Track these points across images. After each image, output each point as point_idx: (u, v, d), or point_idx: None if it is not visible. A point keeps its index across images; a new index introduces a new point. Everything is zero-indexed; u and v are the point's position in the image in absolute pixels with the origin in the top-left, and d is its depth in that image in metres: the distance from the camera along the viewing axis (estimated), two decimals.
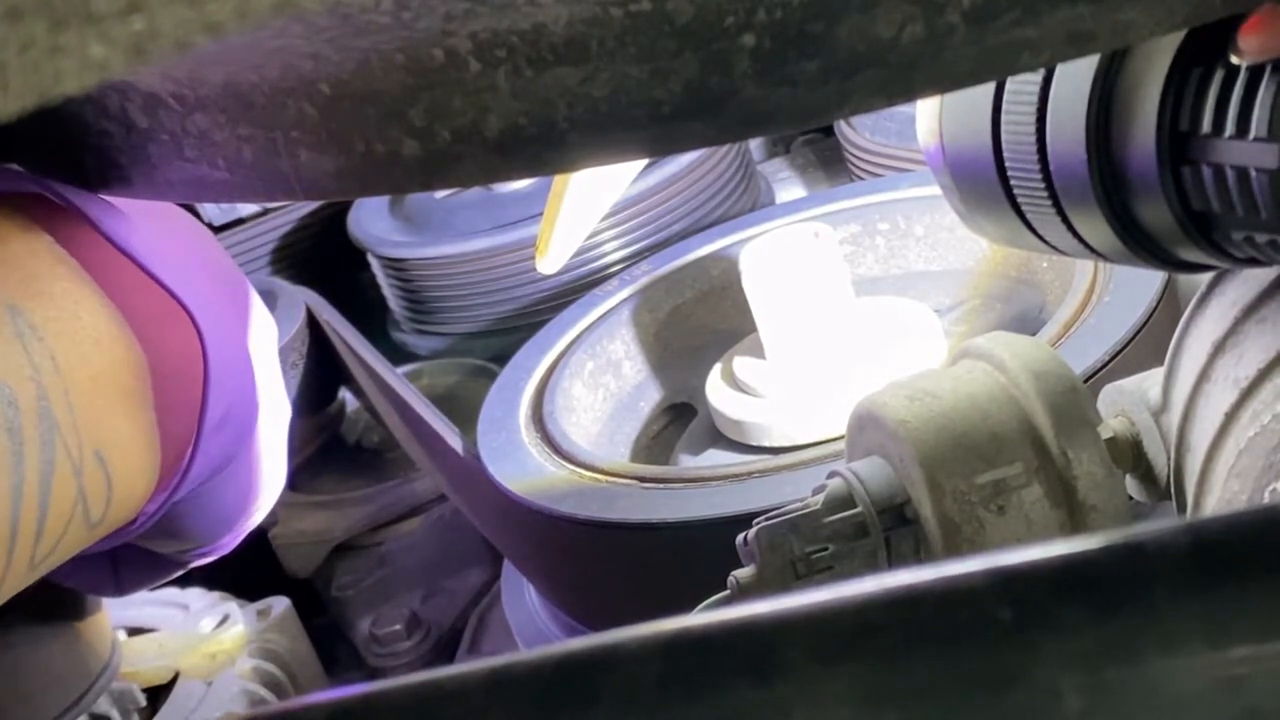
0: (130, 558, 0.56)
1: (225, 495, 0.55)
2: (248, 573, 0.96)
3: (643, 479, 0.70)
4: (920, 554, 0.45)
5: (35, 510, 0.45)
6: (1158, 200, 0.35)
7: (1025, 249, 0.42)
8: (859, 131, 1.05)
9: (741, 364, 0.80)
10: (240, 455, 0.54)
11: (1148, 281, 0.69)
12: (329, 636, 1.04)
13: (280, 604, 0.92)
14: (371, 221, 1.17)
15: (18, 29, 0.18)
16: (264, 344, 0.55)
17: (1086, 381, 0.61)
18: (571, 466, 0.73)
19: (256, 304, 0.56)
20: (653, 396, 0.89)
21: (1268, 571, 0.23)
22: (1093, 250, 0.39)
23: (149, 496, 0.51)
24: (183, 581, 0.88)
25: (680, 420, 0.87)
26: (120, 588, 0.59)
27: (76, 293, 0.48)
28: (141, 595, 0.89)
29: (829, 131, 1.17)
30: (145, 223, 0.50)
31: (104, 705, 0.78)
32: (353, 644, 1.04)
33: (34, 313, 0.47)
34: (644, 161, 0.87)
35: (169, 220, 0.54)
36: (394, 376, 0.91)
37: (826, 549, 0.45)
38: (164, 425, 0.50)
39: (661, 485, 0.69)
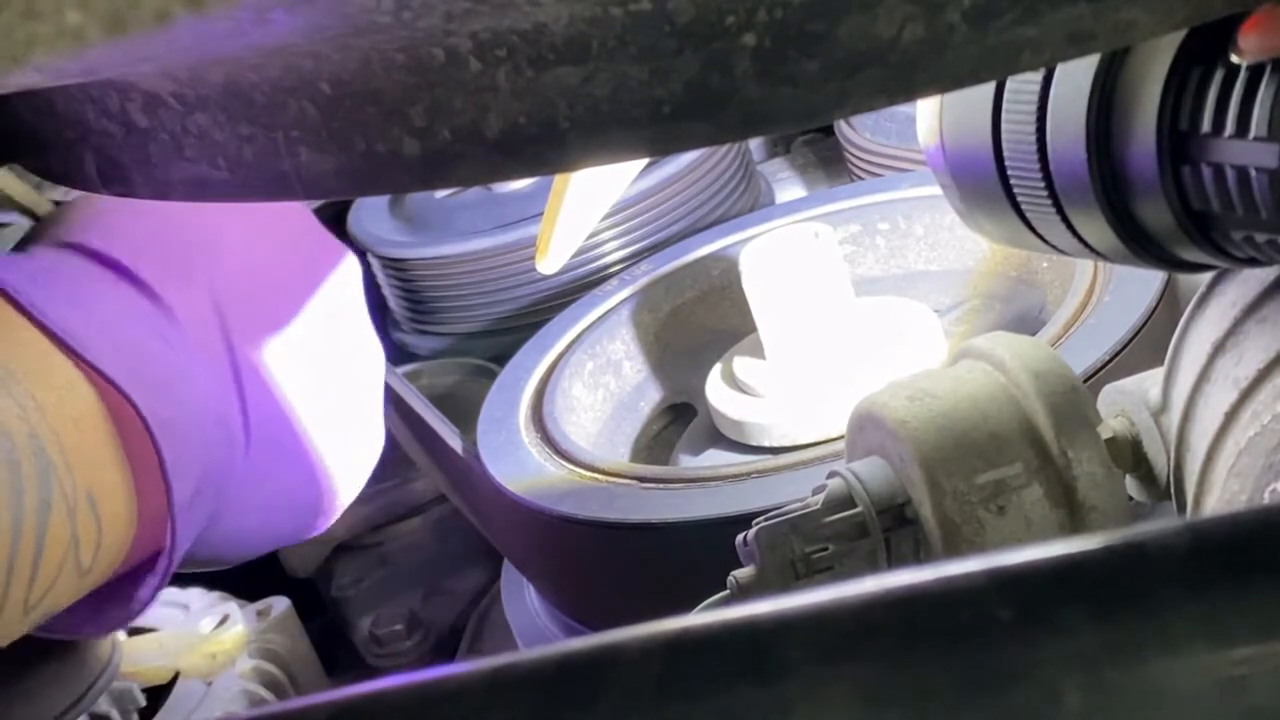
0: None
1: (267, 512, 0.54)
2: (248, 573, 0.96)
3: (642, 479, 0.70)
4: (920, 554, 0.45)
5: (32, 549, 0.44)
6: (1158, 200, 0.35)
7: (1025, 249, 0.42)
8: (859, 131, 1.05)
9: (741, 364, 0.80)
10: (274, 478, 0.53)
11: (1148, 281, 0.69)
12: (329, 636, 1.04)
13: (280, 604, 0.92)
14: (371, 221, 1.17)
15: None
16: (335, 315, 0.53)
17: (1086, 381, 0.61)
18: (571, 466, 0.73)
19: (341, 269, 0.54)
20: (653, 396, 0.89)
21: (1268, 571, 0.23)
22: (1093, 250, 0.39)
23: (127, 550, 0.49)
24: (183, 581, 0.88)
25: (680, 420, 0.87)
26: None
27: (40, 343, 0.47)
28: None
29: (829, 131, 1.17)
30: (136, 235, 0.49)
31: (104, 705, 0.78)
32: (353, 644, 1.04)
33: (9, 357, 0.46)
34: (644, 161, 0.87)
35: (186, 215, 0.53)
36: (394, 376, 0.91)
37: (826, 549, 0.45)
38: (136, 479, 0.49)
39: (661, 485, 0.69)
